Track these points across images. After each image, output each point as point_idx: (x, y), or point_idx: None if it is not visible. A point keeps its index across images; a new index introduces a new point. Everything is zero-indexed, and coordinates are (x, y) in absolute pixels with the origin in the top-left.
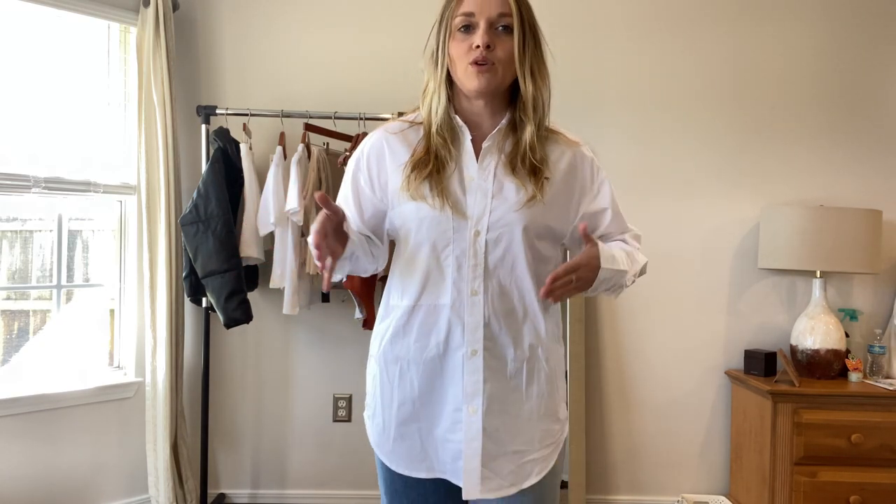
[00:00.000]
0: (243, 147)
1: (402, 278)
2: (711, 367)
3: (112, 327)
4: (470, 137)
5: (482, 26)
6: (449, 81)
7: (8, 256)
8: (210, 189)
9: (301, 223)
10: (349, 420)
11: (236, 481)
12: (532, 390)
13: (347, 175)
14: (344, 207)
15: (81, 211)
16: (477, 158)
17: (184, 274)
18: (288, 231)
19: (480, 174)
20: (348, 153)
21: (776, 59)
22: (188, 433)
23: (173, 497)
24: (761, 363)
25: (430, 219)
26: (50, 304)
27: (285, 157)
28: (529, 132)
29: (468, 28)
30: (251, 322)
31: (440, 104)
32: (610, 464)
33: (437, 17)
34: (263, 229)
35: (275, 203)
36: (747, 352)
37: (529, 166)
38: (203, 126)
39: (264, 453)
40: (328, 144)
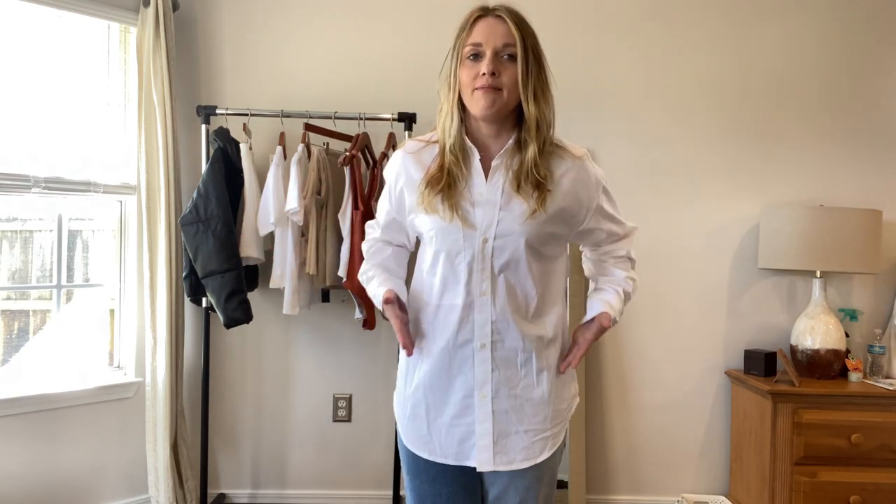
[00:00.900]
0: (243, 147)
1: (428, 280)
2: (711, 367)
3: (112, 327)
4: (479, 157)
5: (488, 55)
6: (461, 105)
7: (8, 256)
8: (210, 189)
9: (301, 223)
10: (349, 420)
11: (236, 481)
12: (542, 377)
13: (387, 190)
14: (387, 217)
15: (81, 211)
16: (486, 177)
17: (184, 274)
18: (288, 231)
19: (490, 190)
20: (348, 153)
21: (777, 60)
22: (188, 433)
23: (173, 497)
24: (761, 363)
25: (444, 230)
26: (50, 304)
27: (285, 157)
28: (532, 151)
29: (476, 56)
30: (251, 322)
31: (453, 125)
32: (610, 464)
33: (451, 45)
34: (263, 229)
35: (275, 203)
36: (747, 352)
37: (533, 182)
38: (203, 126)
39: (264, 453)
40: (328, 144)
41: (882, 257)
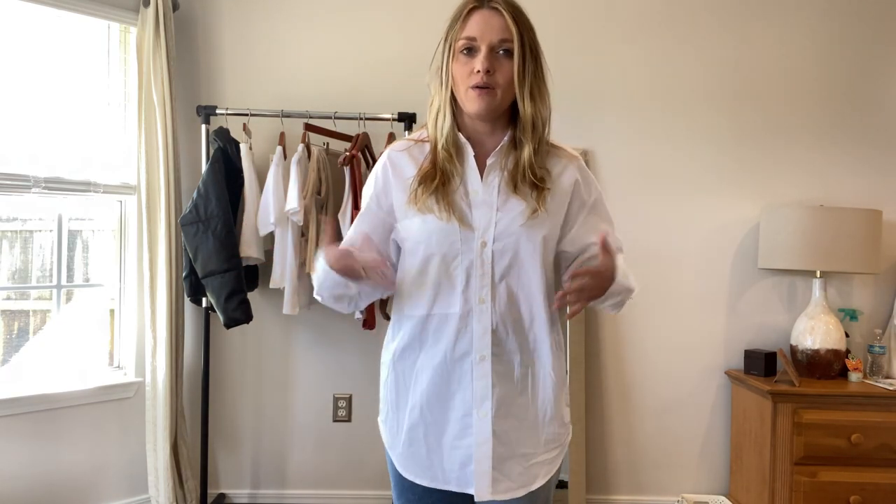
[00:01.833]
0: (243, 147)
1: (414, 289)
2: (711, 367)
3: (112, 327)
4: (473, 154)
5: (483, 51)
6: (453, 99)
7: (8, 256)
8: (210, 189)
9: (301, 223)
10: (349, 420)
11: (236, 481)
12: (539, 395)
13: (365, 199)
14: (356, 233)
15: (81, 211)
16: (481, 175)
17: (184, 274)
18: (288, 231)
19: (485, 189)
20: (348, 153)
21: (777, 60)
22: (188, 433)
23: (173, 497)
24: (761, 363)
25: (439, 231)
26: (50, 304)
27: (285, 157)
28: (528, 152)
29: (470, 51)
30: (251, 322)
31: (445, 122)
32: (610, 464)
33: (443, 36)
34: (263, 229)
35: (275, 203)
36: (747, 352)
37: (530, 182)
38: (203, 126)
39: (264, 453)
40: (328, 144)
41: (882, 257)
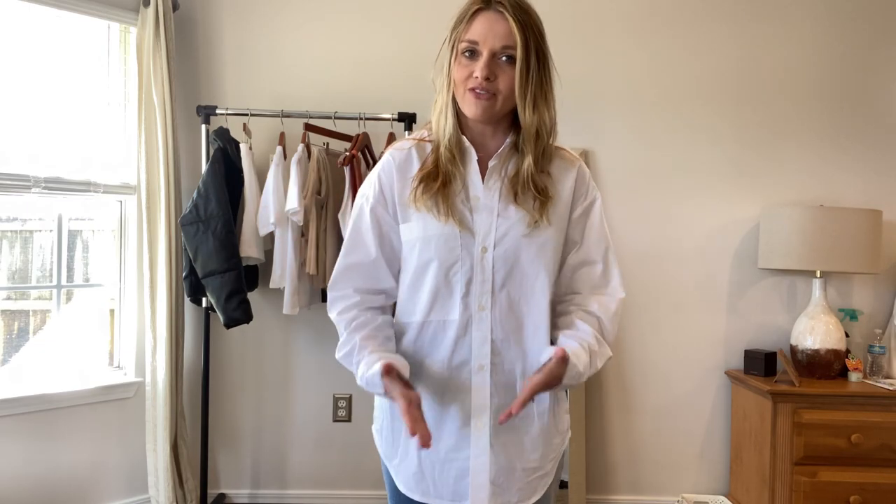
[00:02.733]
0: (243, 147)
1: (411, 294)
2: (711, 367)
3: (112, 327)
4: (476, 158)
5: (485, 56)
6: (456, 100)
7: (8, 256)
8: (210, 189)
9: (301, 223)
10: (349, 420)
11: (236, 481)
12: (541, 406)
13: (358, 210)
14: (361, 245)
15: (81, 211)
16: (482, 177)
17: (184, 274)
18: (288, 231)
19: (486, 193)
20: (348, 153)
21: (777, 59)
22: (188, 433)
23: (173, 497)
24: (761, 363)
25: (438, 236)
26: (50, 304)
27: (285, 157)
28: (529, 161)
29: (472, 54)
30: (251, 322)
31: (448, 123)
32: (610, 464)
33: (448, 34)
34: (263, 229)
35: (275, 203)
36: (747, 352)
37: (533, 190)
38: (203, 126)
39: (264, 453)
40: (328, 144)
41: (882, 257)
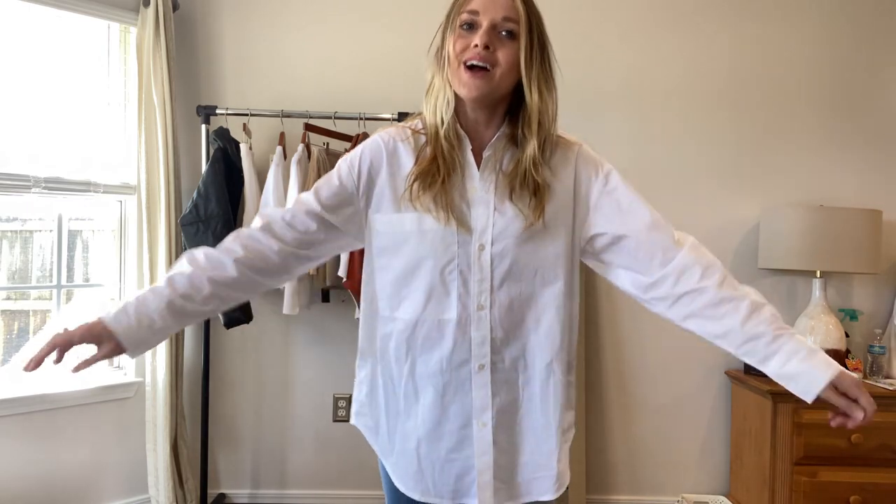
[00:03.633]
0: (243, 147)
1: (400, 289)
2: (711, 367)
3: None
4: (470, 147)
5: (485, 26)
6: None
7: (8, 256)
8: (210, 189)
9: None
10: (349, 420)
11: (236, 481)
12: (547, 403)
13: (339, 170)
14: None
15: (81, 211)
16: (478, 167)
17: None
18: None
19: (482, 185)
20: (348, 153)
21: (777, 59)
22: (188, 433)
23: (173, 497)
24: None
25: (434, 232)
26: (50, 304)
27: (285, 157)
28: (532, 149)
29: (471, 26)
30: (251, 322)
31: (448, 108)
32: (610, 464)
33: (446, 14)
34: None
35: (275, 203)
36: None
37: (531, 186)
38: (203, 126)
39: (264, 453)
40: (328, 144)
41: (882, 257)
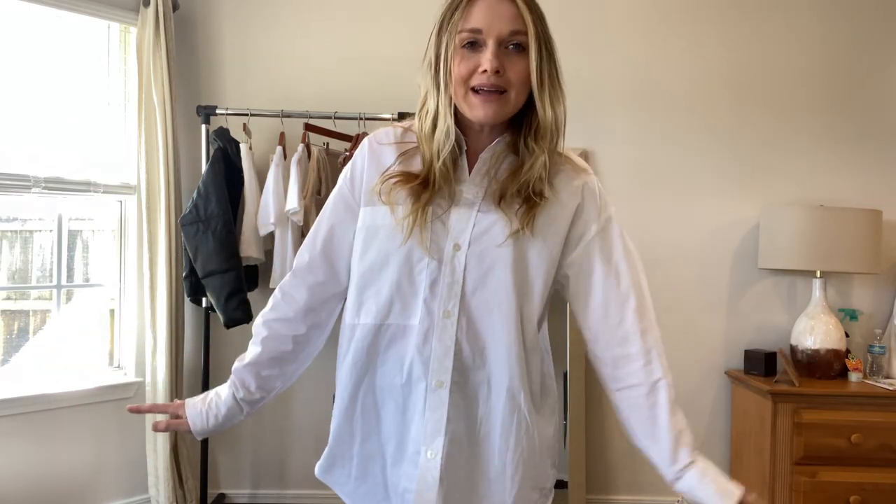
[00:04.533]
0: (243, 147)
1: (366, 292)
2: (711, 367)
3: (112, 327)
4: (465, 149)
5: (491, 46)
6: (452, 102)
7: (8, 256)
8: (210, 189)
9: (301, 223)
10: None
11: (236, 481)
12: (509, 444)
13: (340, 182)
14: (325, 227)
15: (81, 211)
16: (469, 170)
17: (184, 274)
18: (288, 231)
19: (469, 188)
20: (348, 153)
21: (777, 59)
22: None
23: (173, 497)
24: (761, 363)
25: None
26: (50, 304)
27: (285, 157)
28: (540, 164)
29: (473, 45)
30: (251, 322)
31: (445, 137)
32: (610, 464)
33: (437, 25)
34: (263, 229)
35: (275, 203)
36: (747, 352)
37: (524, 196)
38: (203, 126)
39: (264, 453)
40: (328, 144)
41: (882, 257)
